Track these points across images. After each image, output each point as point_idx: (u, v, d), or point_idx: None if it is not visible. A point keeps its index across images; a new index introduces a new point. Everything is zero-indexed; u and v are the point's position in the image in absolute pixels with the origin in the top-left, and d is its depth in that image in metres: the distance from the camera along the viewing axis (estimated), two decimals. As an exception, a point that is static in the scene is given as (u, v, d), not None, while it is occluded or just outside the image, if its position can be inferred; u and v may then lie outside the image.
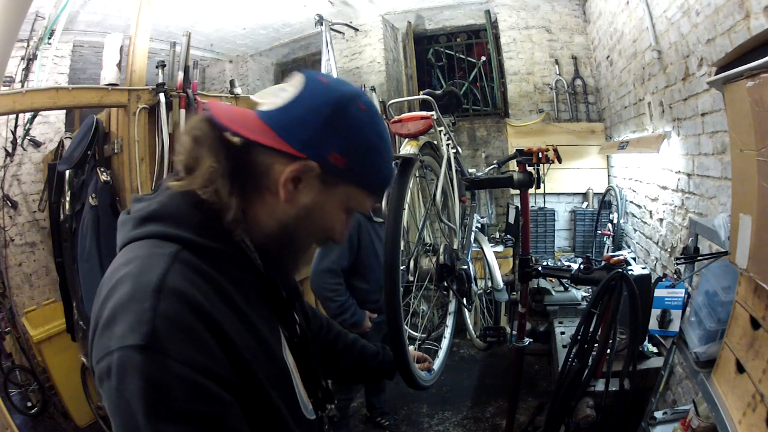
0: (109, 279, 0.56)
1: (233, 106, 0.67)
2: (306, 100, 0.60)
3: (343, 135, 0.60)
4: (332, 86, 0.63)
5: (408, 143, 1.30)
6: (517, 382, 2.27)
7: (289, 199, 0.61)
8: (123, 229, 0.61)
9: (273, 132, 0.59)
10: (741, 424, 0.96)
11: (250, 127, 0.59)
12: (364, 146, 0.63)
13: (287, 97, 0.61)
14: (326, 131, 0.59)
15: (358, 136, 0.62)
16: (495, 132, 4.72)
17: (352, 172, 0.62)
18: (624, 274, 1.55)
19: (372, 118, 0.64)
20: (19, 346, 3.10)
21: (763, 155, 0.90)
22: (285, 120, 0.60)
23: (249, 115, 0.62)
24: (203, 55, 4.98)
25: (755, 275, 0.95)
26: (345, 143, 0.61)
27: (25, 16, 1.22)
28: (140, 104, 2.05)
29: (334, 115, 0.60)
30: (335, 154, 0.60)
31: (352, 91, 0.63)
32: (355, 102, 0.62)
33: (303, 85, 0.61)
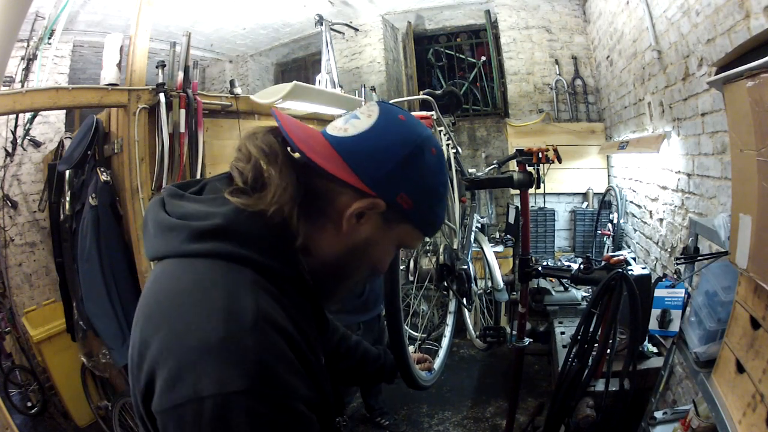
0: (172, 302, 0.51)
1: (297, 120, 0.63)
2: (382, 135, 0.59)
3: (415, 178, 0.60)
4: (410, 127, 0.62)
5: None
6: (517, 382, 2.27)
7: (349, 232, 0.60)
8: (171, 235, 0.55)
9: (344, 162, 0.57)
10: (741, 424, 0.96)
11: (322, 152, 0.57)
12: (431, 191, 0.64)
13: (361, 127, 0.60)
14: (401, 173, 0.59)
15: (428, 181, 0.62)
16: (495, 132, 4.72)
17: (414, 214, 0.62)
18: (624, 274, 1.55)
19: (441, 162, 0.64)
20: (19, 346, 3.10)
21: (763, 155, 0.90)
22: (358, 152, 0.58)
23: (317, 136, 0.61)
24: (203, 55, 4.98)
25: (755, 275, 0.95)
26: (416, 186, 0.61)
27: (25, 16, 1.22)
28: (140, 104, 2.04)
29: (410, 157, 0.59)
30: (404, 195, 0.60)
31: (428, 134, 0.63)
32: (429, 146, 0.62)
33: (379, 118, 0.61)
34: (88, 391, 2.89)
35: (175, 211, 0.58)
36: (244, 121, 2.61)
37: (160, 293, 0.53)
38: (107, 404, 2.77)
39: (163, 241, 0.56)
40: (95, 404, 2.90)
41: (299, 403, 0.50)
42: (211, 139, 2.40)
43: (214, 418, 0.45)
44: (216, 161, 2.44)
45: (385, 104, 0.64)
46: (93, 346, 2.39)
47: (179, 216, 0.56)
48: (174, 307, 0.50)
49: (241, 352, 0.46)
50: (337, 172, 0.56)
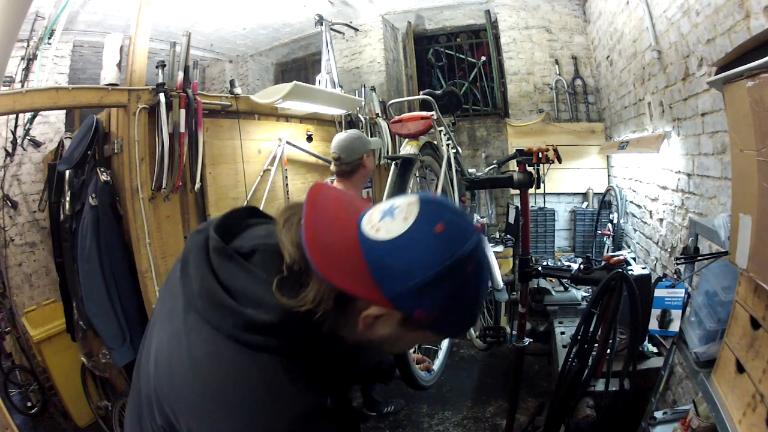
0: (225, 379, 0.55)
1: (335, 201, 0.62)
2: (413, 248, 0.55)
3: (438, 300, 0.57)
4: (446, 243, 0.56)
5: (408, 143, 1.31)
6: (517, 382, 2.27)
7: (366, 330, 0.60)
8: (222, 314, 0.57)
9: (370, 273, 0.56)
10: (741, 424, 0.96)
11: (350, 266, 0.56)
12: (456, 310, 0.60)
13: (393, 232, 0.56)
14: (423, 292, 0.55)
15: (454, 302, 0.58)
16: (495, 132, 4.72)
17: (433, 325, 0.60)
18: (624, 274, 1.55)
19: (477, 281, 0.59)
20: (19, 346, 3.10)
21: (763, 155, 0.90)
22: (385, 263, 0.56)
23: (350, 238, 0.58)
24: (203, 55, 4.98)
25: (755, 275, 0.95)
26: (437, 307, 0.57)
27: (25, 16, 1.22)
28: (140, 104, 2.04)
29: (437, 279, 0.55)
30: (422, 311, 0.57)
31: (468, 251, 0.56)
32: (466, 266, 0.57)
33: (414, 224, 0.56)
34: (88, 391, 2.88)
35: (226, 280, 0.59)
36: (244, 121, 2.62)
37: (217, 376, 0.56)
38: (107, 404, 2.77)
39: (211, 311, 0.58)
40: (95, 404, 2.90)
41: None
42: (211, 139, 2.40)
43: None
44: (216, 161, 2.45)
45: (426, 205, 0.58)
46: (93, 346, 2.39)
47: (232, 291, 0.58)
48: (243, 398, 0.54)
49: None
50: (354, 289, 0.56)
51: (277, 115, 2.90)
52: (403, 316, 0.58)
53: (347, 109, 3.29)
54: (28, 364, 3.06)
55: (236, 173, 2.58)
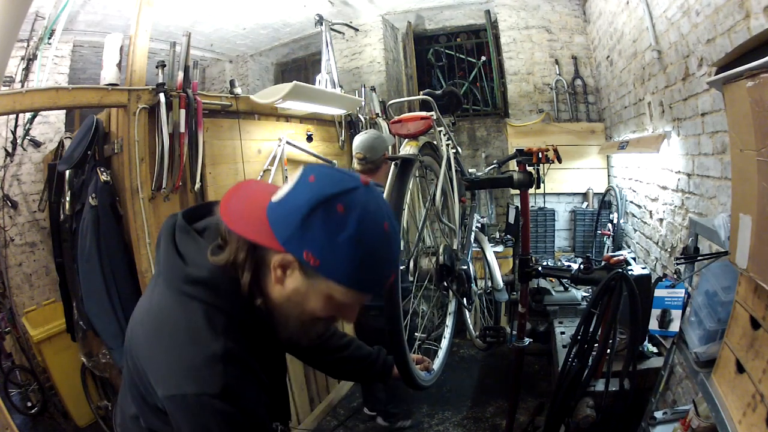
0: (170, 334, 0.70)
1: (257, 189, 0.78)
2: (291, 197, 0.68)
3: (314, 236, 0.65)
4: (314, 186, 0.67)
5: (408, 143, 1.31)
6: (517, 382, 2.27)
7: (279, 282, 0.71)
8: (173, 270, 0.74)
9: (268, 226, 0.69)
10: (741, 424, 0.96)
11: (254, 223, 0.70)
12: (336, 248, 0.65)
13: (285, 191, 0.70)
14: (301, 231, 0.65)
15: (329, 239, 0.65)
16: (495, 132, 4.72)
17: (326, 270, 0.67)
18: (624, 274, 1.55)
19: (351, 219, 0.65)
20: (19, 346, 3.10)
21: (763, 155, 0.90)
22: (276, 215, 0.69)
23: (260, 206, 0.71)
24: (203, 55, 4.98)
25: (755, 275, 0.95)
26: (315, 244, 0.65)
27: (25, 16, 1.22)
28: (140, 104, 2.04)
29: (308, 216, 0.65)
30: (308, 252, 0.66)
31: (333, 192, 0.66)
32: (332, 204, 0.65)
33: (295, 181, 0.70)
34: (88, 391, 2.88)
35: (181, 248, 0.76)
36: (244, 121, 2.61)
37: (160, 320, 0.73)
38: (107, 404, 2.77)
39: (167, 270, 0.75)
40: (95, 404, 2.90)
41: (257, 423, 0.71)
42: (211, 139, 2.40)
43: (198, 410, 0.66)
44: (216, 161, 2.44)
45: (309, 167, 0.72)
46: (93, 346, 2.39)
47: (183, 256, 0.75)
48: (171, 337, 0.70)
49: (213, 373, 0.66)
50: (254, 237, 0.69)
51: (277, 115, 2.90)
52: (296, 262, 0.68)
53: (347, 109, 3.29)
54: (28, 364, 3.06)
55: (236, 173, 2.58)
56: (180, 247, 0.75)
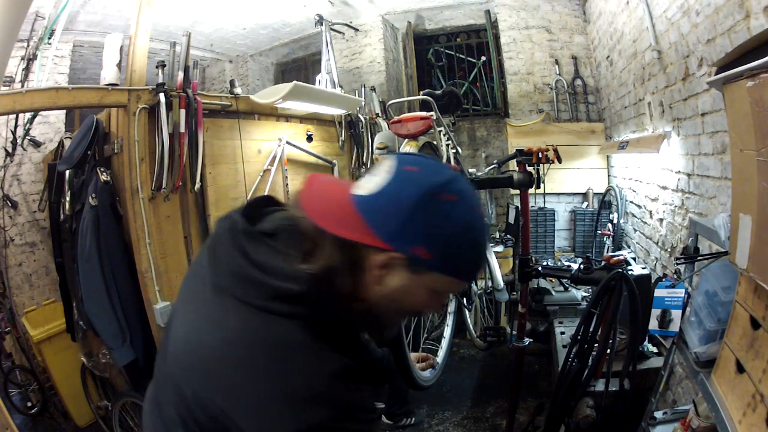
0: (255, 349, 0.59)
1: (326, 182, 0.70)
2: (393, 189, 0.61)
3: (427, 229, 0.60)
4: (419, 176, 0.62)
5: (407, 144, 1.31)
6: (517, 382, 2.27)
7: (379, 282, 0.64)
8: (252, 287, 0.62)
9: (364, 222, 0.61)
10: (741, 424, 0.96)
11: (346, 220, 0.62)
12: (451, 241, 0.62)
13: (378, 183, 0.62)
14: (410, 225, 0.60)
15: (442, 230, 0.61)
16: (495, 132, 4.72)
17: (437, 263, 0.63)
18: (624, 274, 1.55)
19: (460, 207, 0.63)
20: (19, 346, 3.10)
21: (763, 155, 0.90)
22: (374, 209, 0.61)
23: (344, 200, 0.64)
24: (203, 55, 4.98)
25: (755, 275, 0.95)
26: (429, 237, 0.61)
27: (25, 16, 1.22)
28: (140, 104, 2.04)
29: (418, 208, 0.59)
30: (420, 247, 0.61)
31: (440, 181, 0.62)
32: (441, 193, 0.61)
33: (392, 172, 0.63)
34: (88, 391, 2.88)
35: (254, 257, 0.64)
36: (244, 121, 2.61)
37: (247, 346, 0.60)
38: (107, 404, 2.77)
39: (241, 286, 0.63)
40: (95, 404, 2.90)
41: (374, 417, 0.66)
42: (211, 139, 2.40)
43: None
44: (216, 161, 2.45)
45: (400, 156, 0.65)
46: (93, 346, 2.40)
47: (260, 266, 0.63)
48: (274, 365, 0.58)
49: (343, 394, 0.59)
50: (353, 236, 0.61)
51: (277, 115, 2.90)
52: (405, 258, 0.61)
53: (347, 109, 3.29)
54: (28, 364, 3.06)
55: (236, 173, 2.58)
56: (254, 256, 0.64)
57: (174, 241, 2.21)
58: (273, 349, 0.59)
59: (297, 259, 0.63)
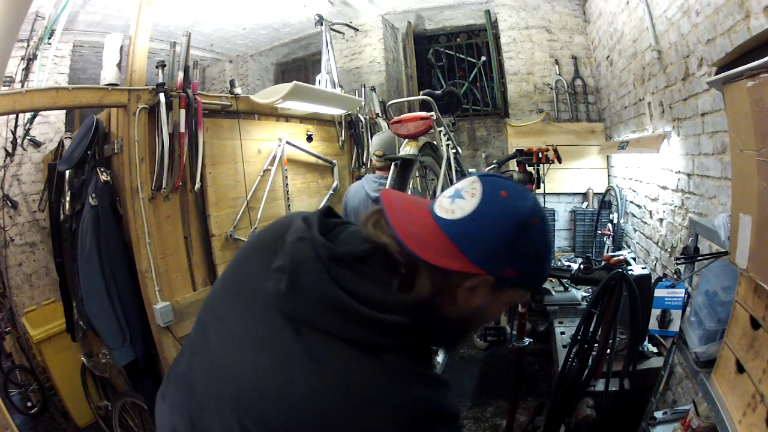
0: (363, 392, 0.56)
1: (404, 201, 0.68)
2: (487, 216, 0.62)
3: (520, 254, 0.63)
4: (513, 204, 0.63)
5: (407, 144, 1.31)
6: (517, 382, 2.27)
7: (465, 302, 0.65)
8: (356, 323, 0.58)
9: (454, 246, 0.61)
10: (741, 424, 0.96)
11: (433, 244, 0.61)
12: (535, 260, 0.66)
13: (467, 209, 0.62)
14: (506, 251, 0.62)
15: (532, 254, 0.65)
16: (495, 132, 4.72)
17: (521, 281, 0.67)
18: (624, 274, 1.55)
19: (544, 230, 0.66)
20: (19, 346, 3.10)
21: (763, 155, 0.90)
22: (466, 236, 0.61)
23: (431, 224, 0.63)
24: (203, 55, 4.98)
25: (755, 275, 0.95)
26: (521, 261, 0.64)
27: (25, 16, 1.22)
28: (140, 104, 2.04)
29: (515, 236, 0.61)
30: (510, 270, 0.63)
31: (530, 207, 0.64)
32: (533, 219, 0.63)
33: (482, 197, 0.63)
34: (88, 391, 2.88)
35: (351, 288, 0.60)
36: (244, 121, 2.62)
37: (358, 381, 0.56)
38: (107, 404, 2.77)
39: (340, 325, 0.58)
40: (95, 404, 2.90)
41: None
42: (211, 139, 2.40)
43: None
44: (216, 161, 2.45)
45: (486, 179, 0.65)
46: (93, 346, 2.40)
47: (360, 298, 0.59)
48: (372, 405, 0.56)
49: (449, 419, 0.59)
50: (449, 264, 0.61)
51: (277, 115, 2.90)
52: (494, 279, 0.63)
53: (347, 109, 3.29)
54: (28, 364, 3.06)
55: (236, 173, 2.58)
56: (349, 286, 0.60)
57: (174, 241, 2.21)
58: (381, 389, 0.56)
59: (394, 287, 0.61)
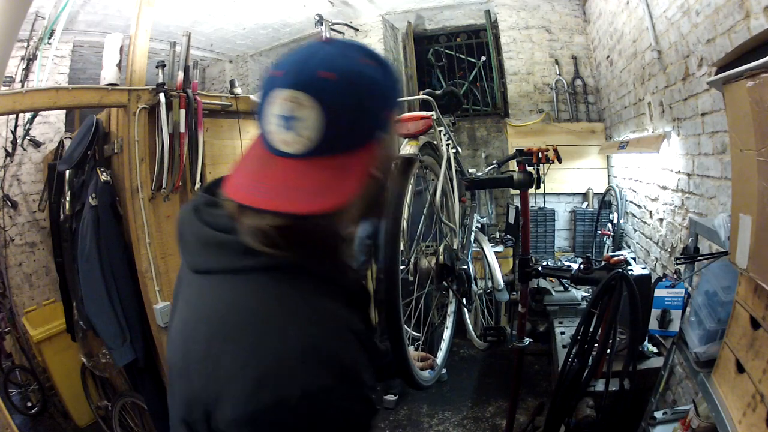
0: (243, 319, 0.53)
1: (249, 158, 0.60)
2: (338, 113, 0.52)
3: (377, 95, 0.56)
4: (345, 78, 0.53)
5: (408, 143, 1.31)
6: (517, 382, 2.27)
7: (376, 173, 0.58)
8: (222, 252, 0.57)
9: (339, 157, 0.54)
10: (741, 424, 0.96)
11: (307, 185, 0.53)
12: (393, 88, 0.59)
13: (317, 120, 0.52)
14: (369, 110, 0.55)
15: (387, 87, 0.58)
16: (495, 132, 4.72)
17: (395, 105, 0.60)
18: (624, 274, 1.55)
19: (378, 61, 0.58)
20: (19, 346, 3.10)
21: (763, 155, 0.90)
22: (331, 145, 0.53)
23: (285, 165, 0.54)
24: (203, 55, 4.98)
25: (755, 275, 0.95)
26: (383, 98, 0.58)
27: (25, 16, 1.22)
28: (140, 104, 2.04)
29: (363, 97, 0.54)
30: (387, 111, 0.58)
31: (354, 59, 0.55)
32: (363, 65, 0.55)
33: (329, 98, 0.52)
34: (88, 391, 2.89)
35: (217, 222, 0.58)
36: (244, 121, 2.61)
37: (224, 311, 0.55)
38: (107, 404, 2.77)
39: (214, 258, 0.57)
40: (95, 404, 2.90)
41: (373, 397, 0.57)
42: (211, 139, 2.40)
43: (313, 411, 0.50)
44: (216, 161, 2.45)
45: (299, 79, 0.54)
46: (93, 346, 2.40)
47: (223, 229, 0.57)
48: (247, 323, 0.53)
49: (324, 356, 0.52)
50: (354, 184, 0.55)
51: (277, 115, 2.90)
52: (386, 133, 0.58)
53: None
54: (28, 364, 3.06)
55: (236, 173, 2.58)
56: (209, 219, 0.61)
57: (174, 241, 2.20)
58: (256, 310, 0.54)
59: None
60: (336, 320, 0.56)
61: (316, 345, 0.52)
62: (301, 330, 0.52)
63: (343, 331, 0.55)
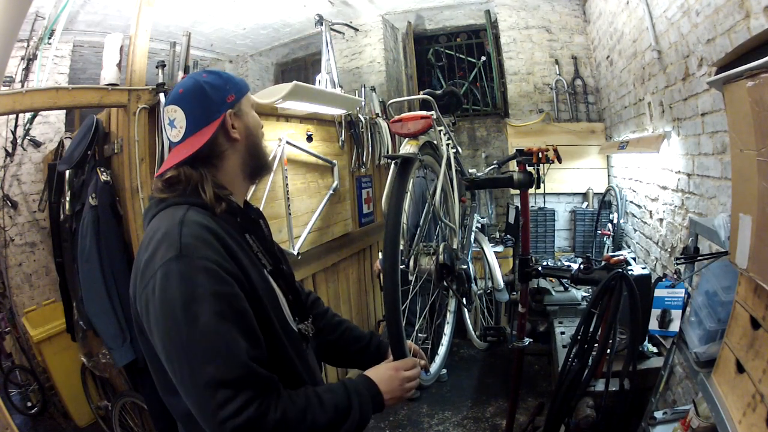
0: (149, 236, 0.86)
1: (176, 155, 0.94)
2: (186, 99, 0.92)
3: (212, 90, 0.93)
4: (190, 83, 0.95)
5: (408, 143, 1.30)
6: (517, 382, 2.27)
7: (238, 135, 0.96)
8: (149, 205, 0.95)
9: (201, 131, 0.91)
10: (741, 424, 0.96)
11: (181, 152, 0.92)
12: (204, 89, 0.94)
13: (182, 118, 0.92)
14: (209, 99, 0.92)
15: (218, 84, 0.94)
16: (495, 132, 4.72)
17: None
18: (624, 274, 1.55)
19: (211, 72, 0.97)
20: (19, 346, 3.10)
21: (763, 155, 0.90)
22: (191, 123, 0.91)
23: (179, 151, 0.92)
24: (203, 55, 4.98)
25: (755, 275, 0.95)
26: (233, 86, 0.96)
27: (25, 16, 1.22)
28: (140, 104, 2.04)
29: (202, 94, 0.92)
30: (231, 95, 0.94)
31: (194, 77, 0.95)
32: (200, 78, 0.94)
33: (183, 103, 0.92)
34: (88, 391, 2.88)
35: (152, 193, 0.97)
36: (244, 121, 2.61)
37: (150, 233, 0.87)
38: (107, 404, 2.77)
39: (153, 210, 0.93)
40: (95, 404, 2.90)
41: (217, 267, 0.80)
42: (211, 139, 2.40)
43: (161, 281, 0.78)
44: (216, 161, 2.44)
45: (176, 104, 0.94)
46: (93, 346, 2.39)
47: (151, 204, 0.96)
48: (151, 236, 0.86)
49: (172, 238, 0.80)
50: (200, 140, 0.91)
51: (277, 115, 2.90)
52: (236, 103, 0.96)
53: (347, 109, 3.29)
54: (28, 364, 3.06)
55: (236, 173, 2.57)
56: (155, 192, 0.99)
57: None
58: (157, 226, 0.85)
59: None
60: (190, 222, 0.83)
61: (168, 232, 0.81)
62: (167, 227, 0.83)
63: (192, 226, 0.82)
